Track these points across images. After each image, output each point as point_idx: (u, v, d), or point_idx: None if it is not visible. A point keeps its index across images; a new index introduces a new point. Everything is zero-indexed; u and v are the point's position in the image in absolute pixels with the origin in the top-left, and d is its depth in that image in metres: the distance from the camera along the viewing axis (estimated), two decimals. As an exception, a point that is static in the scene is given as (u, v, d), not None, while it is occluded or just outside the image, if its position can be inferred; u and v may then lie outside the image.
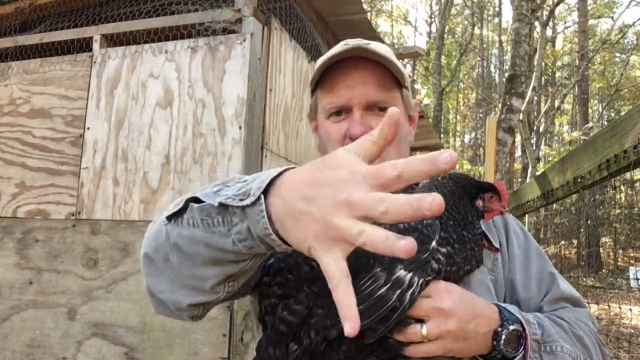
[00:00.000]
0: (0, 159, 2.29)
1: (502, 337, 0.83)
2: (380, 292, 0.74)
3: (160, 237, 0.77)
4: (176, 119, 2.00)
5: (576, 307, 1.03)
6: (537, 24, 11.25)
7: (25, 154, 2.25)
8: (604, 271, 13.09)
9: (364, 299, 0.74)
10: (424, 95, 18.44)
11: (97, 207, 2.06)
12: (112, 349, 1.93)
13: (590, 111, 21.53)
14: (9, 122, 2.31)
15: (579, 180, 1.88)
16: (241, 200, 0.64)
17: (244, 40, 1.94)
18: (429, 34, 23.86)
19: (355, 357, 0.79)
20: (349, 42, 1.01)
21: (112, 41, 2.22)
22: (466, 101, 28.80)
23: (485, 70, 27.11)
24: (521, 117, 5.94)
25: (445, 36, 18.94)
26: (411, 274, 0.76)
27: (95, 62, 2.17)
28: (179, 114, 2.00)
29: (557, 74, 20.32)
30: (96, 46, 2.20)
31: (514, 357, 0.84)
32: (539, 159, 15.64)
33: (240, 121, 1.90)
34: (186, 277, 0.76)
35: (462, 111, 29.34)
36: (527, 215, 3.60)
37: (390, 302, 0.74)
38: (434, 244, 0.78)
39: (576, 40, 18.79)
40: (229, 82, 1.94)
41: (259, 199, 0.62)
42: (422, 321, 0.79)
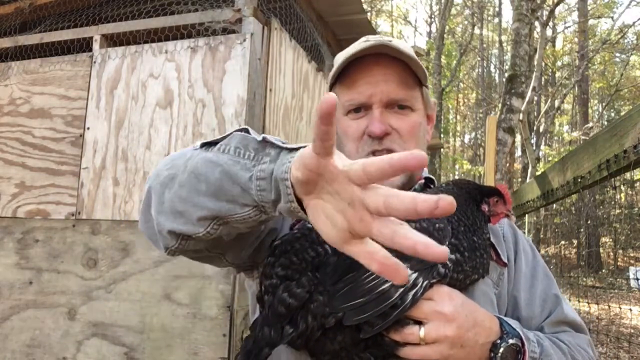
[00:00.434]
0: (0, 159, 2.29)
1: (500, 349, 0.82)
2: (382, 287, 0.74)
3: (181, 157, 0.80)
4: (176, 119, 2.00)
5: (578, 332, 1.01)
6: (537, 24, 11.24)
7: (25, 154, 2.25)
8: (604, 271, 13.10)
9: (365, 293, 0.74)
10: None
11: (97, 207, 2.06)
12: (112, 349, 1.93)
13: (590, 111, 21.54)
14: (9, 122, 2.31)
15: (579, 180, 1.88)
16: (283, 143, 0.69)
17: (244, 40, 1.94)
18: (429, 34, 23.87)
19: (349, 349, 0.79)
20: (370, 39, 0.99)
21: (112, 41, 2.22)
22: (466, 101, 28.80)
23: (485, 70, 27.12)
24: (521, 117, 5.94)
25: (445, 36, 18.93)
26: (416, 274, 0.76)
27: (95, 62, 2.17)
28: (179, 114, 2.00)
29: (557, 74, 20.32)
30: (96, 46, 2.20)
31: None
32: (539, 159, 15.64)
33: (240, 121, 1.90)
34: (181, 199, 0.76)
35: (462, 111, 29.34)
36: (527, 215, 3.60)
37: (391, 299, 0.74)
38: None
39: (576, 40, 18.80)
40: (229, 82, 1.94)
41: (297, 149, 0.65)
42: (421, 323, 0.78)
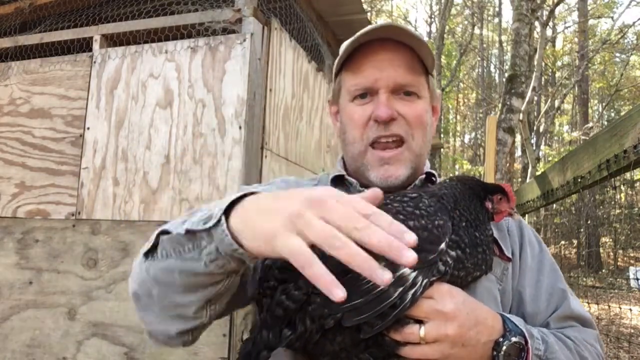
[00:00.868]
0: (0, 159, 2.29)
1: (503, 348, 0.81)
2: (381, 287, 0.72)
3: (142, 273, 0.81)
4: (176, 119, 2.00)
5: (585, 327, 0.99)
6: (537, 24, 11.24)
7: (25, 154, 2.25)
8: (604, 271, 13.09)
9: (364, 293, 0.72)
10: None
11: (97, 207, 2.06)
12: (112, 349, 1.93)
13: (590, 111, 21.53)
14: (9, 122, 2.31)
15: (579, 180, 1.88)
16: (205, 223, 0.70)
17: (244, 40, 1.94)
18: (429, 34, 23.84)
19: (349, 350, 0.77)
20: (377, 24, 0.98)
21: (112, 41, 2.22)
22: (466, 101, 28.80)
23: (485, 70, 27.11)
24: (521, 117, 5.94)
25: (445, 36, 18.93)
26: (416, 272, 0.74)
27: (95, 62, 2.17)
28: (179, 114, 2.00)
29: (557, 74, 20.32)
30: (96, 46, 2.20)
31: None
32: (539, 159, 15.64)
33: (240, 121, 1.90)
34: (169, 307, 0.80)
35: (462, 111, 29.34)
36: (527, 215, 3.60)
37: (390, 299, 0.72)
38: (443, 245, 0.77)
39: (576, 40, 18.79)
40: (229, 82, 1.94)
41: (220, 219, 0.68)
42: (421, 322, 0.77)
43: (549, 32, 17.73)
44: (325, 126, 2.62)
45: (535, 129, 15.32)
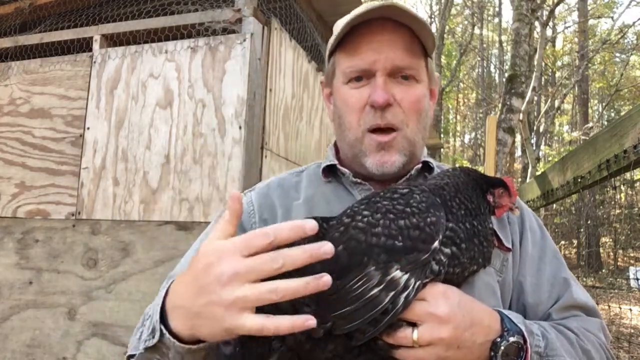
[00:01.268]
0: (0, 159, 2.29)
1: (501, 348, 0.78)
2: (372, 293, 0.70)
3: None
4: (176, 119, 2.00)
5: (589, 317, 0.95)
6: (537, 24, 11.24)
7: (25, 154, 2.25)
8: (604, 271, 13.10)
9: (354, 300, 0.70)
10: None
11: (97, 207, 2.06)
12: (112, 349, 1.93)
13: (590, 111, 21.54)
14: (9, 122, 2.31)
15: (579, 180, 1.88)
16: (153, 337, 0.75)
17: (244, 40, 1.94)
18: (429, 34, 23.79)
19: (342, 357, 0.75)
20: (375, 3, 0.93)
21: (112, 41, 2.22)
22: (466, 101, 28.80)
23: (485, 70, 27.12)
24: (521, 117, 5.94)
25: (445, 36, 18.93)
26: (408, 275, 0.72)
27: (95, 62, 2.17)
28: (179, 114, 2.00)
29: (557, 74, 20.33)
30: (96, 46, 2.20)
31: None
32: (539, 159, 15.64)
33: (240, 121, 1.90)
34: None
35: (462, 111, 29.34)
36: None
37: (382, 305, 0.70)
38: (436, 244, 0.74)
39: (576, 40, 18.80)
40: (229, 82, 1.94)
41: (161, 331, 0.73)
42: (415, 325, 0.74)
43: (549, 32, 17.73)
44: (325, 126, 2.63)
45: (535, 129, 15.33)
